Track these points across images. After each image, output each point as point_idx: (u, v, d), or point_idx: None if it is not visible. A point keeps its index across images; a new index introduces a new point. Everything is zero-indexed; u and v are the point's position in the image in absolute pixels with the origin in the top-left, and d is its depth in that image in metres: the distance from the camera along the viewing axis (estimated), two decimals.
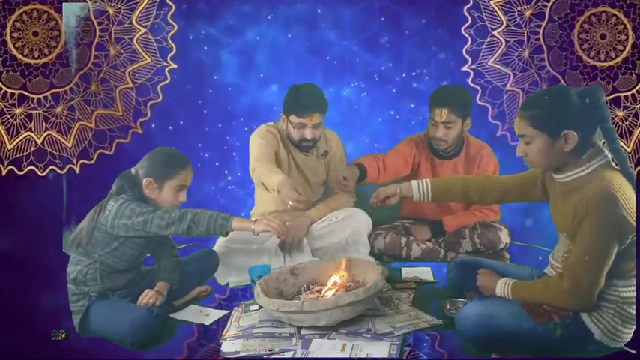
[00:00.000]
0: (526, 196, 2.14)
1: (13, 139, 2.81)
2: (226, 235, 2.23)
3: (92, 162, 2.92)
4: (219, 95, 3.36)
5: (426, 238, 3.01)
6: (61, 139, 2.85)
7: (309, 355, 1.96)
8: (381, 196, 2.34)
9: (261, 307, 2.29)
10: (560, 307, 1.84)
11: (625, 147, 2.83)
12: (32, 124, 2.83)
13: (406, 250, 2.94)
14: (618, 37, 2.84)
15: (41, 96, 2.82)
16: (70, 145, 2.87)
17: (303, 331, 2.11)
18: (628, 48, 2.84)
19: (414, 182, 2.28)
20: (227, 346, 2.05)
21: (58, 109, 2.82)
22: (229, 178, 3.45)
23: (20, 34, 2.79)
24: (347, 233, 2.88)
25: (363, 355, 1.94)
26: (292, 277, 2.46)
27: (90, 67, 2.86)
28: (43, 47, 2.79)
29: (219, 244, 2.82)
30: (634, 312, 1.83)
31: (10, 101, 2.81)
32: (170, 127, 3.30)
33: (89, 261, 2.21)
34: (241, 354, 1.99)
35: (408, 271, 2.75)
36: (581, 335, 1.84)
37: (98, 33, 2.87)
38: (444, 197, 2.28)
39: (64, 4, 2.82)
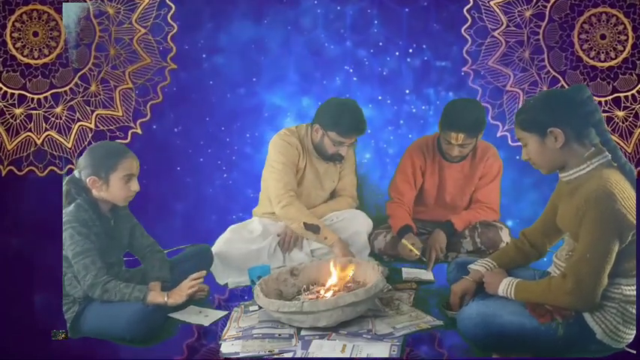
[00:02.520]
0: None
1: (12, 140, 2.81)
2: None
3: None
4: (219, 96, 3.36)
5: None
6: (60, 139, 2.85)
7: (309, 356, 1.95)
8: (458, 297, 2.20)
9: (260, 307, 2.28)
10: (564, 307, 1.84)
11: (625, 147, 2.82)
12: (32, 124, 2.83)
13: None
14: (618, 37, 2.83)
15: (41, 96, 2.82)
16: (69, 146, 2.87)
17: (302, 332, 2.11)
18: (628, 48, 2.83)
19: (481, 269, 2.18)
20: (227, 347, 2.04)
21: (58, 110, 2.82)
22: (226, 175, 3.45)
23: (20, 35, 2.79)
24: (347, 234, 2.88)
25: (364, 356, 1.93)
26: (292, 278, 2.45)
27: (90, 68, 2.86)
28: (43, 48, 2.79)
29: (219, 245, 2.82)
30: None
31: (10, 101, 2.80)
32: (175, 129, 3.31)
33: (63, 272, 2.21)
34: (241, 355, 1.98)
35: (408, 272, 2.74)
36: (583, 335, 1.84)
37: (98, 33, 2.86)
38: (511, 269, 2.19)
39: (64, 4, 2.82)
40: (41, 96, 2.82)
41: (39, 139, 2.82)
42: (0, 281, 2.43)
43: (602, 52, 2.85)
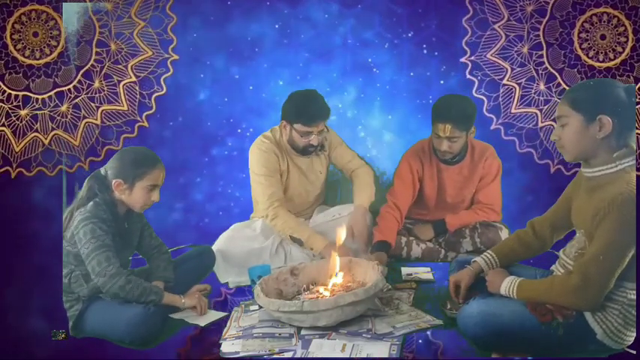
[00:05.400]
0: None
1: (20, 141, 2.82)
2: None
3: (100, 158, 2.94)
4: (217, 97, 3.35)
5: (429, 237, 3.00)
6: (67, 137, 2.87)
7: (309, 356, 1.96)
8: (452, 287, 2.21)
9: (261, 307, 2.29)
10: (565, 306, 1.83)
11: None
12: (38, 124, 2.85)
13: (406, 250, 2.94)
14: (618, 38, 2.84)
15: (45, 96, 2.83)
16: (77, 144, 2.88)
17: (303, 332, 2.11)
18: (627, 50, 2.84)
19: (480, 260, 2.19)
20: (227, 347, 2.05)
21: (63, 108, 2.83)
22: (225, 175, 3.45)
23: (20, 36, 2.80)
24: None
25: (363, 356, 1.93)
26: (292, 278, 2.45)
27: (92, 64, 2.87)
28: (44, 47, 2.80)
29: (221, 242, 2.82)
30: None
31: (15, 103, 2.82)
32: (168, 130, 3.30)
33: (69, 269, 2.21)
34: (241, 354, 1.99)
35: (407, 271, 2.74)
36: (583, 335, 1.84)
37: (98, 29, 2.87)
38: (511, 261, 2.21)
39: (65, 4, 2.83)
40: (45, 96, 2.83)
41: (46, 139, 2.83)
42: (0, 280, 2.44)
43: (601, 53, 2.85)
